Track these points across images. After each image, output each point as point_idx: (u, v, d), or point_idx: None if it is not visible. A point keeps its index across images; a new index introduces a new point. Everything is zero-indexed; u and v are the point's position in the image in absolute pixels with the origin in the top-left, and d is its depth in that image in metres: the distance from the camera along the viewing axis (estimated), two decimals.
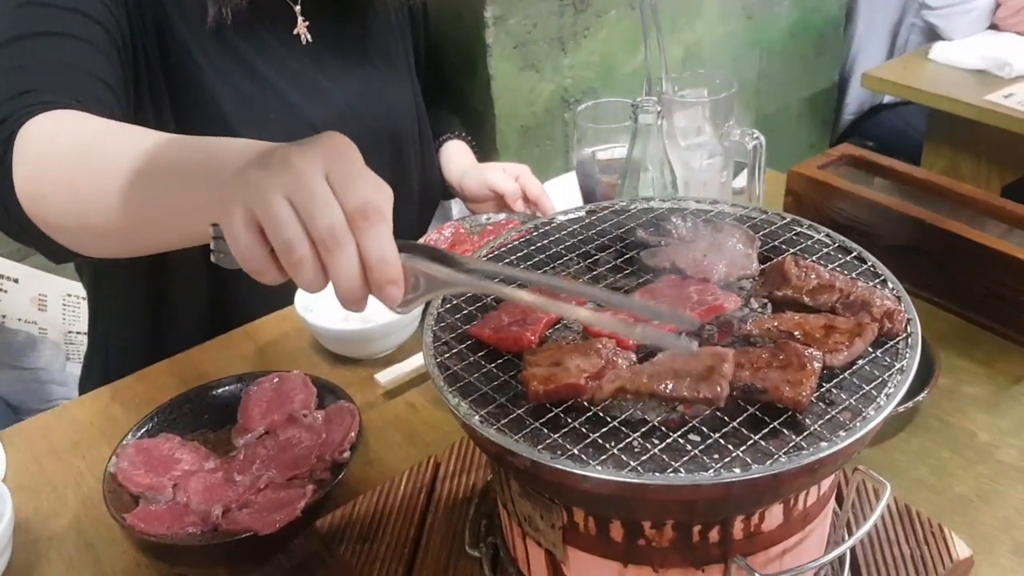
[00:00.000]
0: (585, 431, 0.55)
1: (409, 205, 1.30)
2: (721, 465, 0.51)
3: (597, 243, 0.75)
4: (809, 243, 0.72)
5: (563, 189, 1.28)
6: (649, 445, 0.54)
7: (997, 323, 1.00)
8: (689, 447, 0.53)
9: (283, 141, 0.58)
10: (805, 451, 0.52)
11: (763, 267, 0.68)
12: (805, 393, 0.54)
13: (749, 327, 0.61)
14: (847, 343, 0.58)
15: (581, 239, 0.75)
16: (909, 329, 0.61)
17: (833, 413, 0.54)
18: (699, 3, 1.91)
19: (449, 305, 0.69)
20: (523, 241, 0.76)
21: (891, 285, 0.65)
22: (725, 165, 1.14)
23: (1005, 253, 0.97)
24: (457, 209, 1.50)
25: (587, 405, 0.57)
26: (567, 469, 0.52)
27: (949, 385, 0.93)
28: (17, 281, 1.78)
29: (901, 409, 0.84)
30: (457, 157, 1.35)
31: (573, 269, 0.72)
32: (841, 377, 0.57)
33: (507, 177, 1.24)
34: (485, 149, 1.60)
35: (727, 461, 0.52)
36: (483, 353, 0.63)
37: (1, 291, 1.77)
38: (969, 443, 0.86)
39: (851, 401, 0.55)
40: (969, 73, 1.93)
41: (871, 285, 0.65)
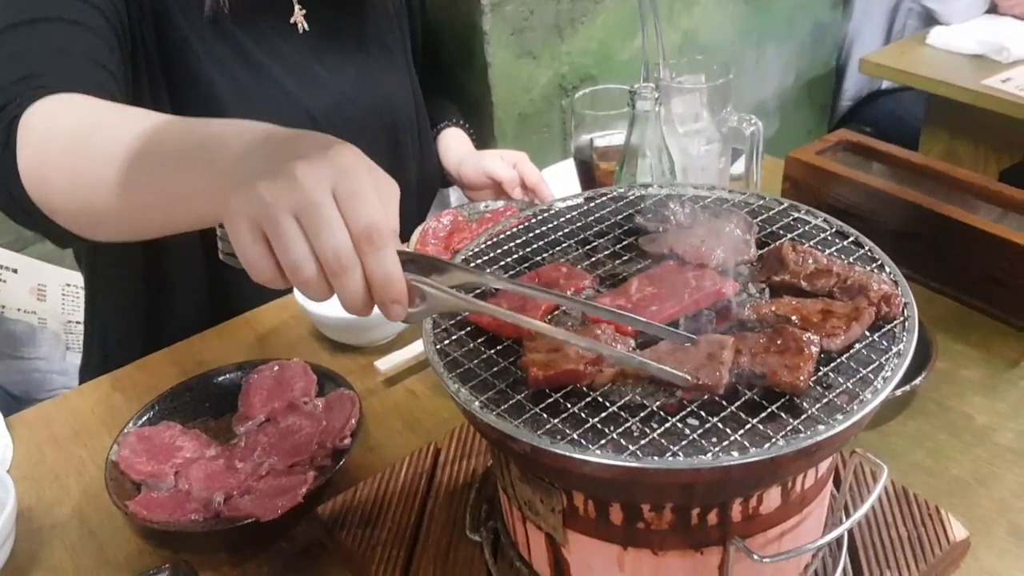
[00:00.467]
0: (584, 416, 0.56)
1: (407, 194, 1.29)
2: (719, 449, 0.52)
3: (595, 229, 0.75)
4: (807, 228, 0.72)
5: (561, 176, 1.28)
6: (648, 429, 0.54)
7: (994, 307, 1.00)
8: (688, 431, 0.54)
9: None
10: (803, 434, 0.52)
11: (761, 252, 0.68)
12: (803, 377, 0.54)
13: (747, 312, 0.62)
14: (844, 327, 0.58)
15: (580, 225, 0.76)
16: (906, 313, 0.61)
17: (830, 397, 0.55)
18: None
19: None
20: (522, 228, 0.76)
21: (888, 269, 0.66)
22: (723, 151, 1.14)
23: (1002, 237, 0.97)
24: (455, 197, 1.50)
25: (586, 391, 0.58)
26: (567, 454, 0.53)
27: (946, 369, 0.93)
28: (16, 271, 1.78)
29: (898, 393, 0.85)
30: (455, 145, 1.35)
31: (572, 255, 0.72)
32: (838, 361, 0.58)
33: (505, 164, 1.24)
34: (483, 137, 1.60)
35: (725, 445, 0.52)
36: (483, 339, 0.64)
37: (0, 281, 1.77)
38: (966, 426, 0.87)
39: (848, 385, 0.56)
40: (967, 58, 1.93)
41: (868, 269, 0.65)
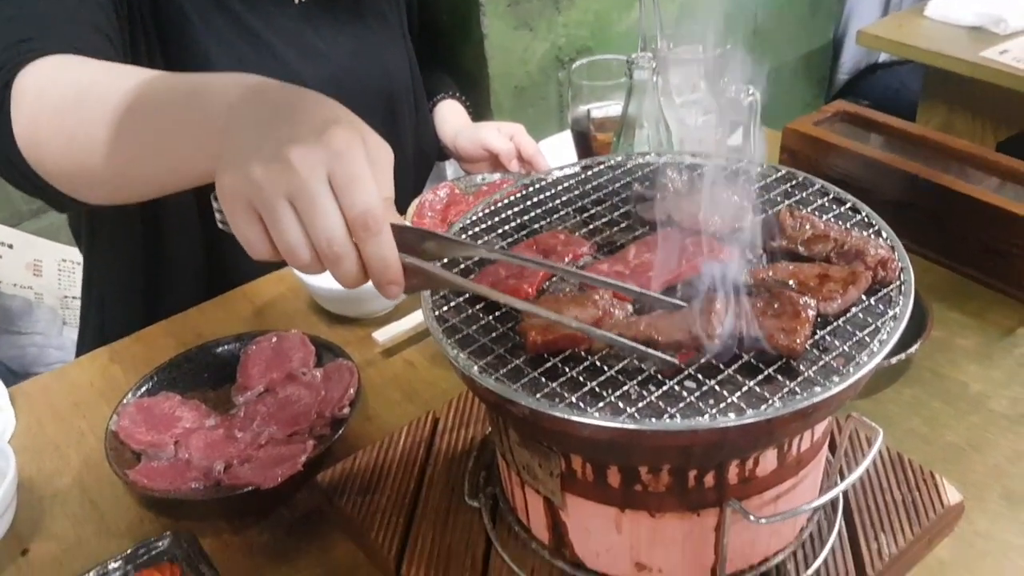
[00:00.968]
0: (582, 380, 0.56)
1: (403, 166, 1.29)
2: (716, 411, 0.52)
3: (593, 197, 0.75)
4: (804, 195, 0.72)
5: (558, 148, 1.28)
6: (646, 392, 0.54)
7: (990, 276, 1.01)
8: (685, 394, 0.54)
9: None
10: (799, 396, 0.53)
11: (758, 218, 0.69)
12: (799, 340, 0.55)
13: (744, 277, 0.62)
14: (841, 291, 0.59)
15: (577, 194, 0.76)
16: (902, 277, 0.61)
17: (827, 359, 0.55)
18: None
19: (446, 260, 0.69)
20: (519, 196, 0.76)
21: (885, 235, 0.66)
22: (720, 122, 1.13)
23: (999, 207, 0.98)
24: (452, 170, 1.50)
25: (584, 355, 0.58)
26: (565, 416, 0.53)
27: (942, 338, 0.94)
28: (12, 247, 1.78)
29: (893, 361, 0.85)
30: (451, 117, 1.34)
31: (569, 223, 0.72)
32: (835, 325, 0.58)
33: (502, 136, 1.24)
34: (479, 110, 1.59)
35: (723, 407, 0.53)
36: (481, 306, 0.64)
37: None
38: (961, 394, 0.88)
39: (845, 348, 0.56)
40: (964, 30, 1.92)
41: (865, 235, 0.65)
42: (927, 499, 0.72)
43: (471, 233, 0.72)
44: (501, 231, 0.72)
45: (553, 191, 0.76)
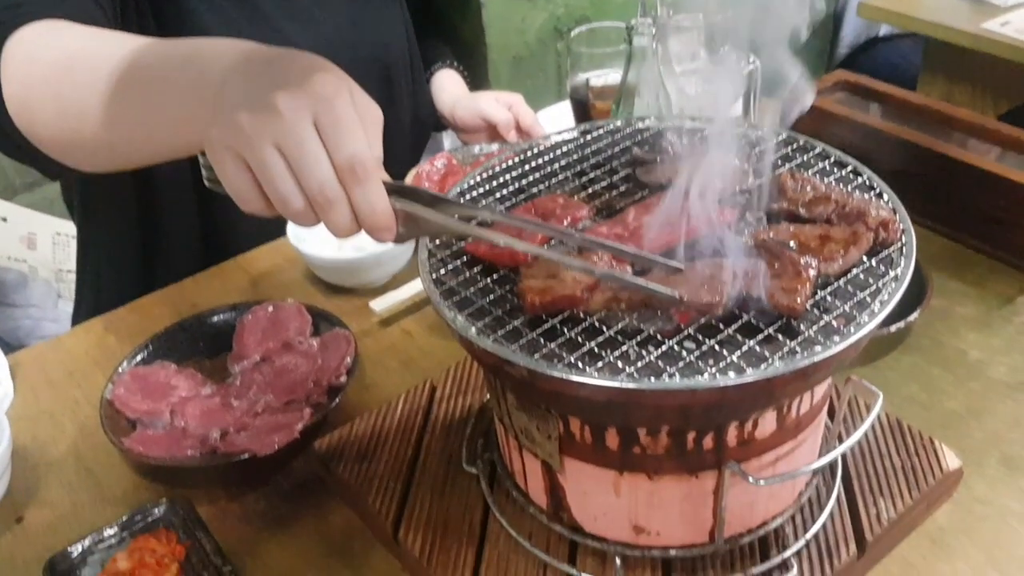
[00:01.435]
0: (581, 341, 0.55)
1: (400, 135, 1.28)
2: (716, 370, 0.52)
3: (592, 161, 0.74)
4: (805, 158, 0.71)
5: (557, 119, 1.27)
6: (645, 353, 0.54)
7: (990, 245, 1.00)
8: (685, 354, 0.53)
9: None
10: (799, 356, 0.52)
11: (759, 181, 0.68)
12: (800, 300, 0.54)
13: (745, 239, 0.61)
14: (842, 252, 0.58)
15: (577, 158, 0.75)
16: (904, 239, 0.61)
17: (828, 319, 0.55)
18: None
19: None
20: (518, 161, 0.75)
21: (886, 197, 0.65)
22: (720, 92, 1.12)
23: (1000, 176, 0.97)
24: (448, 142, 1.49)
25: (583, 316, 0.57)
26: (564, 376, 0.52)
27: (941, 306, 0.94)
28: (6, 220, 1.77)
29: (893, 329, 0.85)
30: (449, 86, 1.33)
31: (568, 187, 0.71)
32: (836, 285, 0.58)
33: (500, 106, 1.23)
34: (476, 81, 1.58)
35: (722, 366, 0.52)
36: (479, 269, 0.63)
37: None
38: (960, 361, 0.87)
39: (845, 308, 0.56)
40: (966, 1, 1.91)
41: (867, 197, 0.65)
42: (926, 464, 0.72)
43: (469, 197, 0.71)
44: (499, 195, 0.71)
45: (552, 156, 0.76)
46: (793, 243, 0.60)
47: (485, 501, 0.72)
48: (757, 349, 0.53)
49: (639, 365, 0.53)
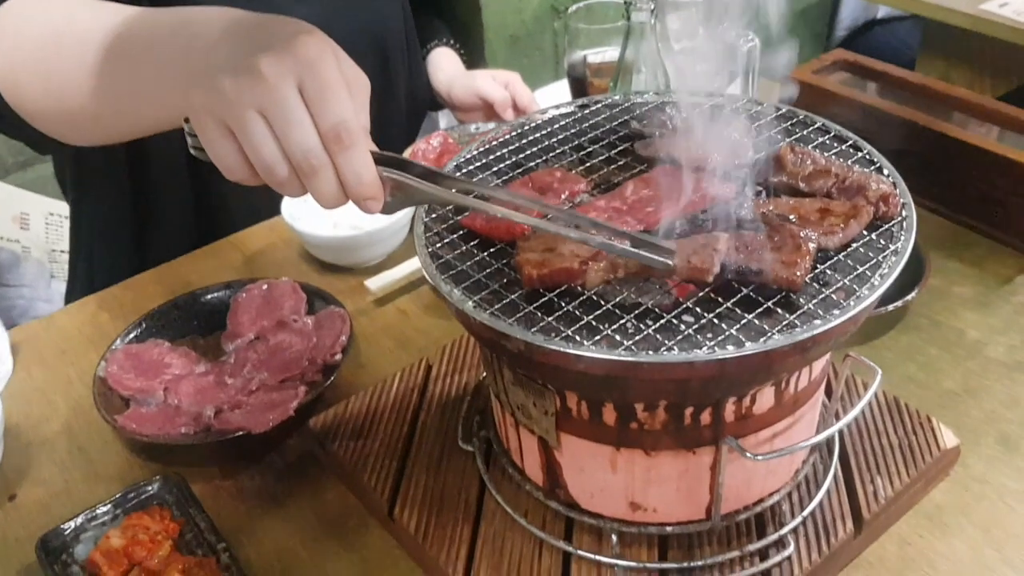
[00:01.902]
0: (579, 314, 0.55)
1: (396, 113, 1.27)
2: (715, 343, 0.51)
3: (591, 136, 0.73)
4: (805, 133, 0.71)
5: (554, 98, 1.26)
6: (643, 326, 0.53)
7: (988, 225, 1.00)
8: (683, 327, 0.53)
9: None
10: (798, 329, 0.52)
11: (759, 155, 0.67)
12: (799, 273, 0.54)
13: (744, 212, 0.60)
14: (842, 225, 0.57)
15: (575, 132, 0.74)
16: (904, 213, 0.60)
17: (827, 293, 0.54)
18: None
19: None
20: (516, 135, 0.75)
21: (887, 171, 0.64)
22: (718, 70, 1.11)
23: (999, 154, 0.96)
24: (445, 121, 1.48)
25: (581, 290, 0.57)
26: (561, 350, 0.52)
27: (939, 286, 0.93)
28: None
29: (890, 308, 0.85)
30: (445, 65, 1.32)
31: (566, 161, 0.71)
32: (836, 259, 0.57)
33: (497, 85, 1.22)
34: (473, 60, 1.56)
35: (721, 339, 0.52)
36: (475, 242, 0.62)
37: None
38: (958, 341, 0.87)
39: (845, 281, 0.55)
40: None
41: (867, 171, 0.64)
42: (923, 443, 0.72)
43: (465, 171, 0.70)
44: (496, 169, 0.70)
45: (549, 130, 0.75)
46: (793, 216, 0.59)
47: (481, 479, 0.72)
48: (756, 322, 0.53)
49: (637, 338, 0.52)
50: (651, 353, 0.51)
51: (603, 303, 0.55)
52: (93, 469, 0.82)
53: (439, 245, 0.63)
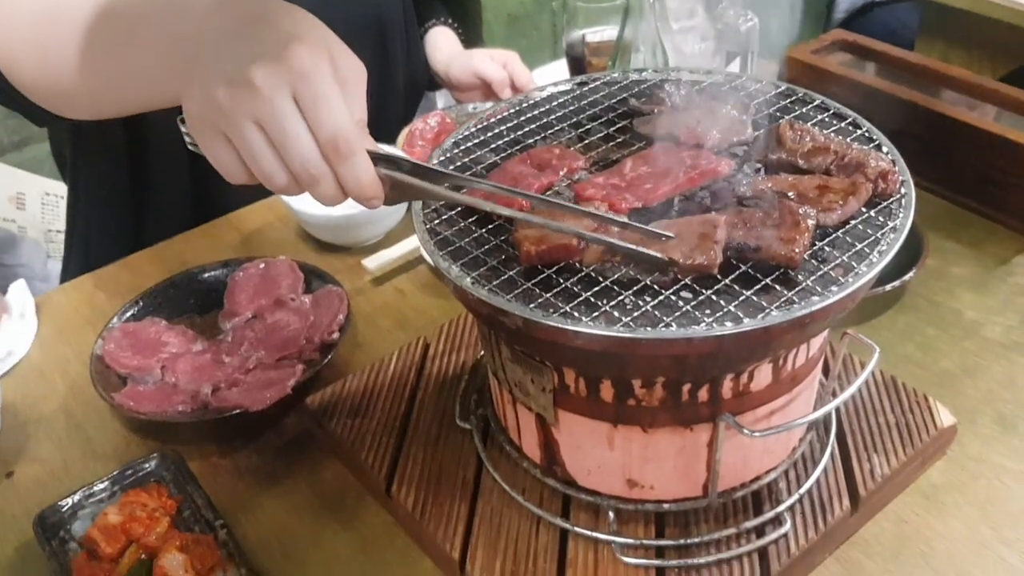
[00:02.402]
0: (577, 291, 0.55)
1: (394, 93, 1.27)
2: (713, 319, 0.51)
3: (589, 113, 0.73)
4: (804, 110, 0.70)
5: (552, 78, 1.25)
6: (641, 302, 0.53)
7: (986, 206, 1.00)
8: (681, 303, 0.53)
9: None
10: (797, 305, 0.51)
11: (758, 133, 0.67)
12: (798, 250, 0.54)
13: (743, 189, 0.60)
14: (841, 202, 0.57)
15: (573, 109, 0.74)
16: (903, 190, 0.60)
17: (825, 270, 0.54)
18: None
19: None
20: (514, 112, 0.74)
21: (886, 149, 0.64)
22: (717, 50, 1.11)
23: (997, 135, 0.96)
24: (442, 101, 1.47)
25: (579, 266, 0.57)
26: (559, 326, 0.52)
27: (937, 266, 0.93)
28: None
29: (888, 288, 0.85)
30: (443, 44, 1.31)
31: (565, 139, 0.70)
32: (834, 236, 0.57)
33: (495, 64, 1.21)
34: (470, 40, 1.55)
35: (719, 316, 0.51)
36: (474, 219, 0.62)
37: None
38: (955, 321, 0.87)
39: (844, 258, 0.55)
40: None
41: (866, 148, 0.64)
42: (920, 421, 0.72)
43: (463, 148, 0.70)
44: (494, 146, 0.70)
45: (548, 107, 0.74)
46: (792, 193, 0.59)
47: (478, 456, 0.72)
48: (754, 299, 0.52)
49: (635, 315, 0.52)
50: (649, 329, 0.51)
51: (601, 280, 0.55)
52: (91, 447, 0.82)
53: (437, 222, 0.62)
